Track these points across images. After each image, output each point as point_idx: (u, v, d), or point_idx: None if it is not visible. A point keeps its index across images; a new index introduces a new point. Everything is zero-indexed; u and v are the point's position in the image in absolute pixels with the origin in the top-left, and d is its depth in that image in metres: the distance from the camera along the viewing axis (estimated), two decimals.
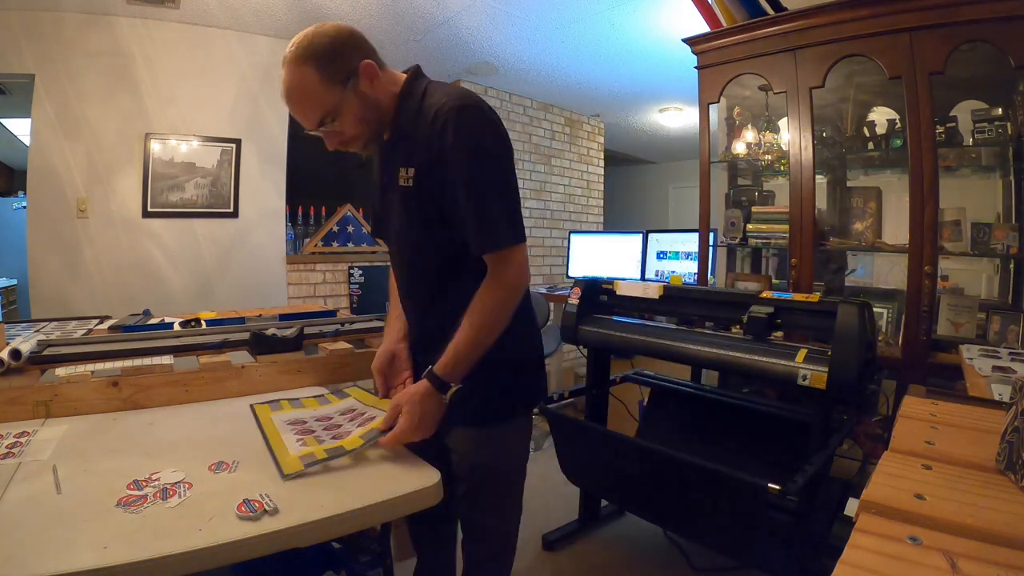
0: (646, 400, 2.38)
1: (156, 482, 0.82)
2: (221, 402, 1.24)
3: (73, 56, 2.76)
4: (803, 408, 1.88)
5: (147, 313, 1.95)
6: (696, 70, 2.42)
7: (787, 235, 2.19)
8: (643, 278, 3.30)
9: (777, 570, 1.50)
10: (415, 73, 1.05)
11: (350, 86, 0.95)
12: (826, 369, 1.41)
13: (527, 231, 1.03)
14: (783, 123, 2.29)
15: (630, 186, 7.65)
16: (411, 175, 0.99)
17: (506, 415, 1.09)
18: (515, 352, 1.08)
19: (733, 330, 1.78)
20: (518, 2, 2.84)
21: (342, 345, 1.51)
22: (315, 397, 1.23)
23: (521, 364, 1.11)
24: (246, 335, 1.48)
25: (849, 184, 2.40)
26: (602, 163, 5.37)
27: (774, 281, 2.44)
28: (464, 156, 0.94)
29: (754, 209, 2.45)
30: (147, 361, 1.25)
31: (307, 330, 1.55)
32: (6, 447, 0.93)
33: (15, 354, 1.19)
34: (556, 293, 3.52)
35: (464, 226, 0.97)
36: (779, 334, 1.73)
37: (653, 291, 1.89)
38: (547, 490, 2.46)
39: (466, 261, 1.00)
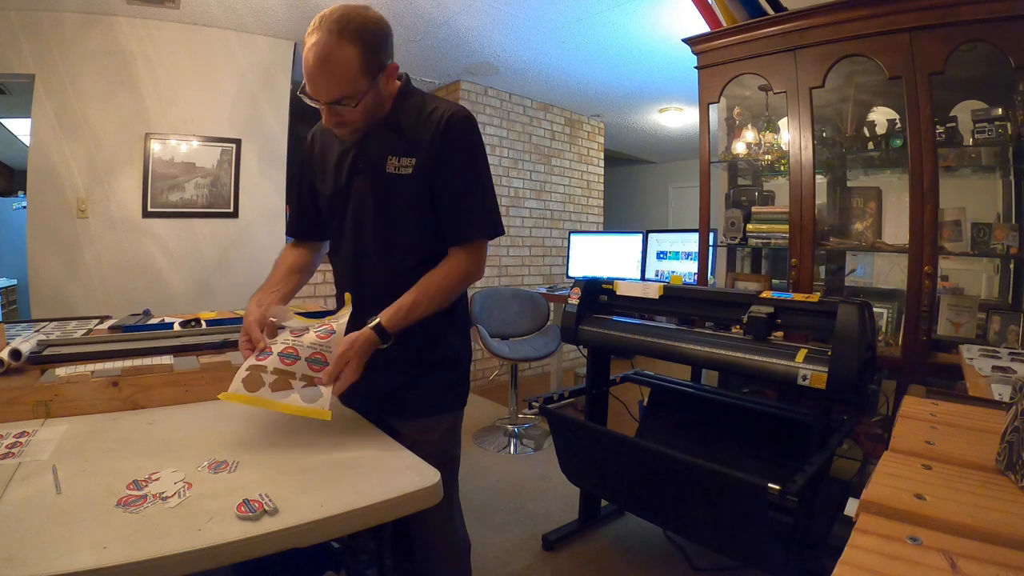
0: (646, 400, 2.38)
1: (156, 482, 0.82)
2: (221, 402, 1.24)
3: (73, 56, 2.76)
4: (803, 408, 1.88)
5: (147, 313, 1.95)
6: (696, 70, 2.42)
7: (787, 235, 2.19)
8: (643, 278, 3.30)
9: (777, 570, 1.50)
10: (408, 79, 1.16)
11: (376, 81, 1.02)
12: (826, 369, 1.41)
13: (527, 231, 1.08)
14: (783, 123, 2.29)
15: (630, 186, 7.65)
16: (408, 164, 1.08)
17: (453, 406, 1.21)
18: (461, 352, 1.22)
19: (733, 330, 1.78)
20: (518, 2, 2.84)
21: None
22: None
23: (461, 363, 1.23)
24: None
25: (849, 184, 2.40)
26: (602, 163, 5.37)
27: (774, 281, 2.44)
28: (468, 155, 1.08)
29: (754, 209, 2.45)
30: (147, 361, 1.25)
31: None
32: (6, 447, 0.93)
33: (15, 354, 1.19)
34: (556, 293, 3.53)
35: (458, 220, 1.08)
36: (779, 334, 1.73)
37: (653, 291, 1.89)
38: (547, 490, 2.46)
39: (433, 252, 1.11)
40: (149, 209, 2.99)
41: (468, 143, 1.08)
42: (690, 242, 3.06)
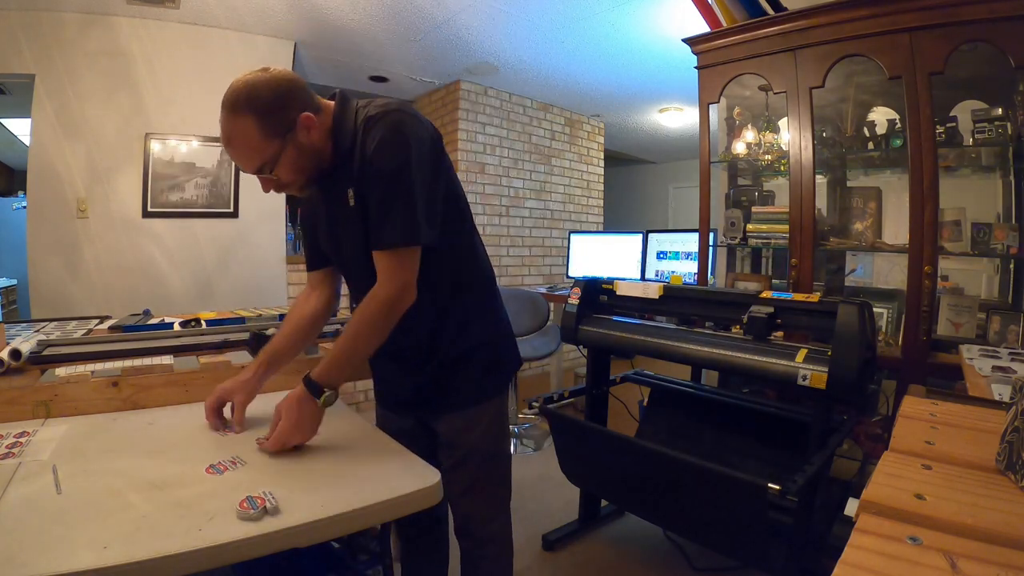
0: (646, 400, 2.38)
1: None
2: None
3: (73, 56, 2.76)
4: (803, 408, 1.88)
5: (147, 313, 1.95)
6: (696, 70, 2.42)
7: (787, 235, 2.19)
8: (643, 278, 3.30)
9: (777, 570, 1.50)
10: (341, 99, 1.05)
11: (288, 138, 0.96)
12: (826, 369, 1.41)
13: (527, 231, 1.05)
14: (783, 123, 2.28)
15: (630, 186, 7.65)
16: (353, 195, 1.01)
17: (478, 400, 1.17)
18: (476, 347, 1.16)
19: (733, 330, 1.78)
20: (518, 2, 2.84)
21: None
22: None
23: (477, 357, 1.17)
24: (246, 335, 1.48)
25: (849, 184, 2.40)
26: (602, 163, 5.37)
27: (774, 281, 2.44)
28: (377, 160, 0.96)
29: (754, 209, 2.45)
30: (147, 361, 1.25)
31: None
32: (6, 447, 0.93)
33: (15, 354, 1.19)
34: (556, 293, 3.52)
35: (372, 229, 0.99)
36: (779, 334, 1.73)
37: (653, 291, 1.89)
38: (547, 490, 2.46)
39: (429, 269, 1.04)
40: (149, 209, 2.99)
41: (379, 143, 0.96)
42: (690, 242, 3.06)
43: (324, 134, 1.02)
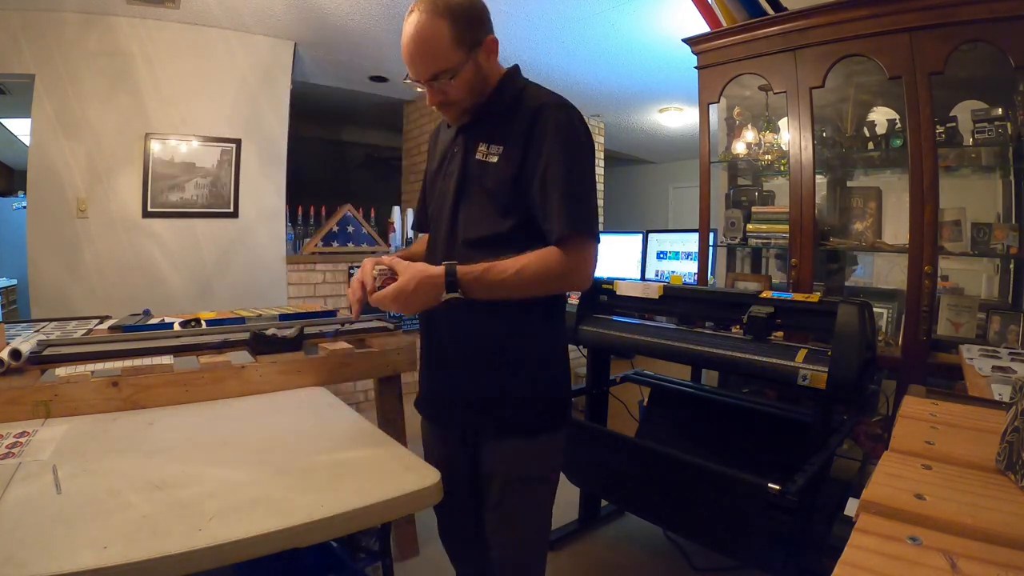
0: (646, 400, 2.38)
1: None
2: (221, 402, 1.24)
3: (73, 56, 2.76)
4: (803, 408, 1.88)
5: (147, 313, 1.95)
6: (696, 70, 2.42)
7: (787, 235, 2.18)
8: (643, 278, 3.29)
9: (777, 570, 1.50)
10: (517, 68, 1.10)
11: (472, 54, 0.98)
12: (826, 369, 1.40)
13: None
14: (783, 123, 2.28)
15: (630, 186, 7.65)
16: (495, 152, 1.01)
17: (552, 426, 1.09)
18: (553, 365, 1.10)
19: (733, 330, 1.78)
20: (518, 2, 2.84)
21: (342, 345, 1.51)
22: None
23: (556, 378, 1.11)
24: (246, 335, 1.48)
25: (849, 184, 2.40)
26: (602, 163, 5.37)
27: (774, 281, 2.44)
28: (564, 148, 0.97)
29: (754, 209, 2.44)
30: (147, 361, 1.25)
31: (307, 330, 1.55)
32: (6, 447, 0.93)
33: (15, 354, 1.19)
34: None
35: (548, 212, 0.97)
36: (779, 334, 1.73)
37: (653, 291, 1.89)
38: None
39: (508, 249, 0.98)
40: (149, 209, 2.99)
41: (567, 133, 0.98)
42: (690, 242, 3.06)
43: (496, 75, 1.05)
